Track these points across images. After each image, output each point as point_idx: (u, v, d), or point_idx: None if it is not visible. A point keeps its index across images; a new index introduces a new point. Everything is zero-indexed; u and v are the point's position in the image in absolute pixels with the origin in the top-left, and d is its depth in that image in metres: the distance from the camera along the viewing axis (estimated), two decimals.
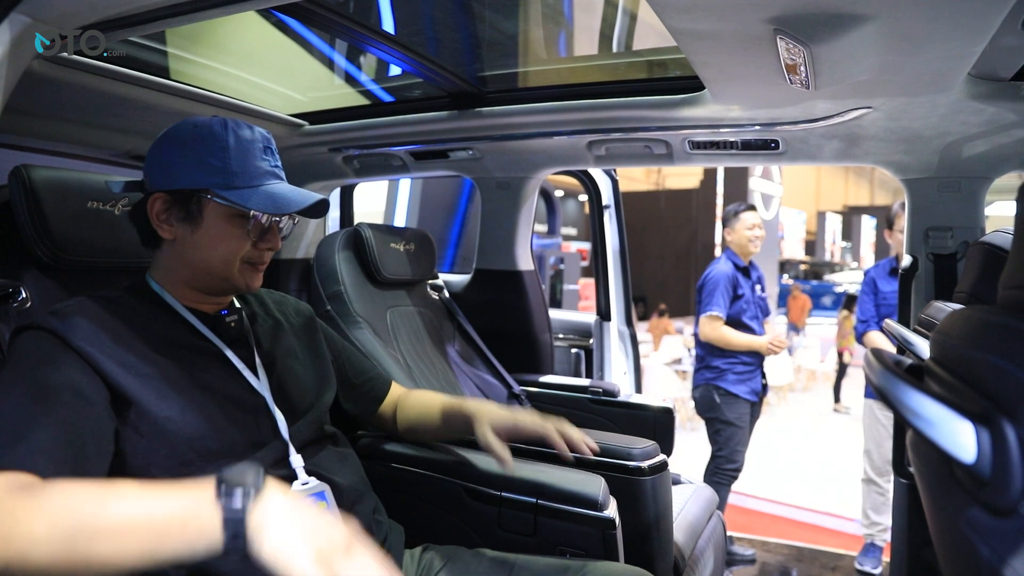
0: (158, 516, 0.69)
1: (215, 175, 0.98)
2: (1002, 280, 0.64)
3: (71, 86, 1.45)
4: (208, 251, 1.01)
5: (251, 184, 0.99)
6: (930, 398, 0.53)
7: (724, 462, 2.99)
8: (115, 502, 0.71)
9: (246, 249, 1.02)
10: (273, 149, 1.05)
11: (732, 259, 3.08)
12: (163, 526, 0.69)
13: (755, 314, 3.07)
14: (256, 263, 1.05)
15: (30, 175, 1.13)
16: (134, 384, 0.91)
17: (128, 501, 0.71)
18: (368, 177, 2.38)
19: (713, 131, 1.74)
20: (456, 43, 2.06)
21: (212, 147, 0.98)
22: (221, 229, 1.00)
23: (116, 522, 0.69)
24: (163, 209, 1.01)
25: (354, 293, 1.89)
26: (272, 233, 1.05)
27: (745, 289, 3.05)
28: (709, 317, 2.97)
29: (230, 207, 0.99)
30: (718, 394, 2.98)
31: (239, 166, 0.98)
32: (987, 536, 0.50)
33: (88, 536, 0.68)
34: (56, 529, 0.68)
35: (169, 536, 0.68)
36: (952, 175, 1.71)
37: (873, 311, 3.00)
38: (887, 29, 1.09)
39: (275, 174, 1.03)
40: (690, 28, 1.15)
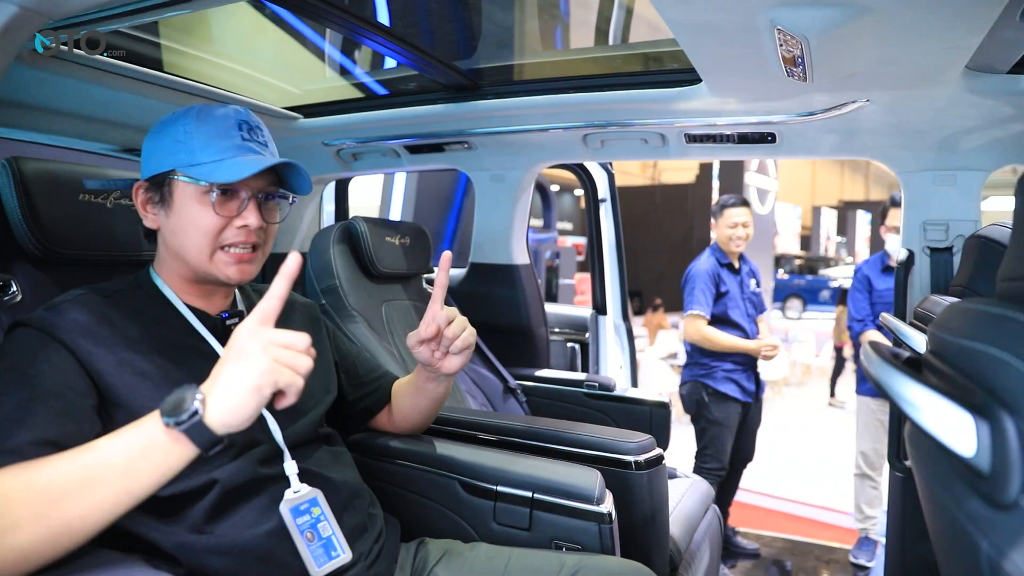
0: (117, 457, 0.72)
1: (180, 154, 0.96)
2: (1000, 272, 0.63)
3: (63, 79, 1.43)
4: (183, 235, 0.98)
5: (216, 159, 0.96)
6: (930, 390, 0.52)
7: (708, 460, 2.92)
8: (67, 462, 0.73)
9: (219, 229, 0.97)
10: (252, 125, 1.01)
11: (715, 255, 2.97)
12: (125, 464, 0.72)
13: (745, 311, 2.96)
14: (236, 247, 0.99)
15: (20, 167, 1.11)
16: (130, 384, 0.90)
17: (80, 456, 0.73)
18: (363, 170, 2.37)
19: (709, 124, 1.74)
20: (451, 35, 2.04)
21: (178, 128, 0.98)
22: (189, 209, 0.97)
23: (77, 476, 0.71)
24: (145, 198, 1.01)
25: (349, 287, 1.88)
26: (250, 211, 0.98)
27: (730, 285, 2.93)
28: (690, 316, 2.87)
29: (194, 184, 0.96)
30: (706, 392, 2.89)
31: (203, 142, 0.96)
32: (986, 529, 0.49)
33: (58, 501, 0.70)
34: (25, 508, 0.69)
35: (136, 470, 0.72)
36: (949, 168, 1.71)
37: (868, 309, 2.92)
38: (884, 21, 1.08)
39: (249, 148, 0.98)
40: (687, 19, 1.15)
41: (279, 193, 1.04)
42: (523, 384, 2.15)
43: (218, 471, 0.93)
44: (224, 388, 0.75)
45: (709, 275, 2.89)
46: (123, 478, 0.72)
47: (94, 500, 0.71)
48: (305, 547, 0.95)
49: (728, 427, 2.89)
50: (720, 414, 2.88)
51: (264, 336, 0.77)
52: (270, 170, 1.01)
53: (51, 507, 0.69)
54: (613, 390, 2.04)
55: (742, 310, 2.95)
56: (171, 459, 0.74)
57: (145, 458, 0.73)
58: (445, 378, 1.23)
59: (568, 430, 1.47)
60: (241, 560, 0.91)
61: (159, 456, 0.73)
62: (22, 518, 0.69)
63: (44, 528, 0.69)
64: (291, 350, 0.78)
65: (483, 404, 2.07)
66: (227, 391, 0.74)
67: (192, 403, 0.73)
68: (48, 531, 0.69)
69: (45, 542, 0.70)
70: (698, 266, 2.94)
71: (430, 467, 1.34)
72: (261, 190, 1.00)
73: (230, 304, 1.09)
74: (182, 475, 0.90)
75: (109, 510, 0.72)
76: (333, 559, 0.97)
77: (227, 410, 0.74)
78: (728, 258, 2.96)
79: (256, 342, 0.76)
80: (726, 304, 2.90)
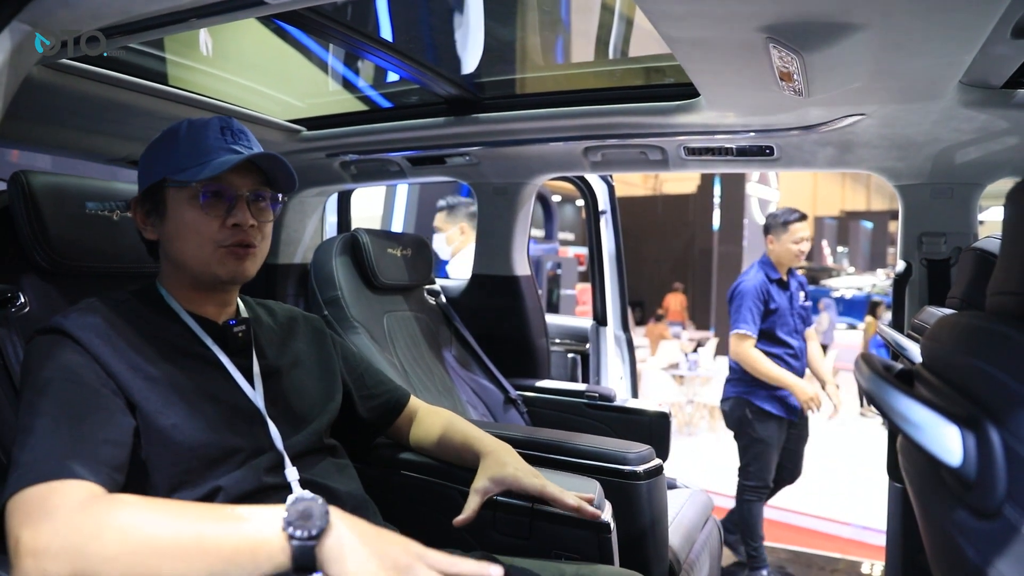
0: (227, 541, 0.71)
1: (169, 163, 0.99)
2: (990, 286, 0.65)
3: (71, 92, 1.46)
4: (180, 240, 1.00)
5: (201, 161, 0.98)
6: (917, 402, 0.54)
7: (751, 478, 2.86)
8: (185, 523, 0.72)
9: (213, 231, 0.99)
10: (235, 130, 1.03)
11: (765, 270, 2.87)
12: (232, 551, 0.71)
13: (794, 327, 2.87)
14: (233, 245, 1.00)
15: (29, 181, 1.13)
16: (142, 388, 0.91)
17: (198, 524, 0.72)
18: (365, 183, 2.39)
19: (708, 137, 1.76)
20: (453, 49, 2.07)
21: (168, 141, 1.01)
22: (181, 213, 0.99)
23: (185, 544, 0.70)
24: (142, 212, 1.04)
25: (351, 298, 1.90)
26: (239, 209, 1.00)
27: (780, 301, 2.84)
28: (737, 335, 2.78)
29: (183, 188, 0.98)
30: (749, 410, 2.81)
31: (189, 148, 0.99)
32: (973, 538, 0.50)
33: (158, 556, 0.70)
34: (127, 547, 0.69)
35: (237, 562, 0.71)
36: (945, 181, 1.72)
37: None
38: (879, 37, 1.10)
39: (232, 150, 1.00)
40: (684, 36, 1.17)
41: (268, 193, 1.06)
42: (524, 394, 2.16)
43: (223, 478, 0.94)
44: (354, 544, 0.72)
45: (758, 292, 2.80)
46: (224, 563, 0.71)
47: (192, 569, 0.70)
48: None
49: (772, 445, 2.83)
50: (764, 432, 2.81)
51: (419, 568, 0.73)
52: (258, 171, 1.03)
53: (154, 557, 0.69)
54: (613, 400, 2.05)
55: (790, 326, 2.87)
56: (271, 564, 0.72)
57: (252, 555, 0.71)
58: None
59: (568, 440, 1.48)
60: None
61: (263, 558, 0.71)
62: (123, 555, 0.69)
63: (138, 572, 0.69)
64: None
65: (484, 414, 2.08)
66: (353, 549, 0.72)
67: (317, 526, 0.72)
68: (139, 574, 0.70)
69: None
70: (747, 282, 2.84)
71: (430, 476, 1.34)
72: (250, 189, 1.02)
73: (234, 313, 1.11)
74: (188, 482, 0.91)
75: None
76: None
77: (338, 558, 0.72)
78: (779, 273, 2.88)
79: (410, 562, 0.73)
80: (774, 321, 2.83)
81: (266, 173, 1.05)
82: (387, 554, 0.73)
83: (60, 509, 0.71)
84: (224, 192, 1.00)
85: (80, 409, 0.84)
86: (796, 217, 2.84)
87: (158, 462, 0.91)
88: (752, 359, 2.76)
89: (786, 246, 2.83)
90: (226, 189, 1.00)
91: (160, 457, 0.91)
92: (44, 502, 0.72)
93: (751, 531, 2.96)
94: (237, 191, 1.01)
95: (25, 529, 0.70)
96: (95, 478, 0.78)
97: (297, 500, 0.73)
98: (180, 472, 0.92)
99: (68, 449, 0.79)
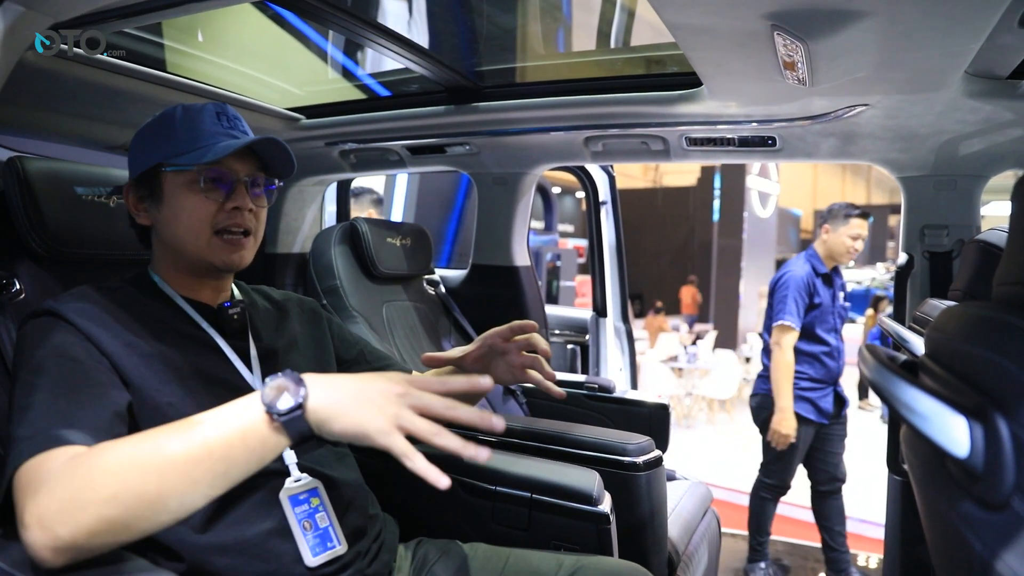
0: (215, 441, 0.72)
1: (165, 147, 0.99)
2: (996, 276, 0.64)
3: (66, 78, 1.44)
4: (176, 225, 1.00)
5: (199, 146, 0.98)
6: (924, 393, 0.53)
7: (770, 475, 2.82)
8: (167, 440, 0.72)
9: (211, 214, 0.99)
10: (230, 115, 1.03)
11: (812, 262, 2.74)
12: (224, 450, 0.72)
13: (833, 325, 2.76)
14: (230, 232, 1.01)
15: (24, 166, 1.12)
16: (138, 367, 0.91)
17: (180, 435, 0.72)
18: (365, 172, 2.37)
19: (710, 128, 1.74)
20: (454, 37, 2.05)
21: (162, 126, 1.01)
22: (180, 198, 0.99)
23: (177, 458, 0.71)
24: (135, 197, 1.03)
25: (350, 287, 1.89)
26: (238, 193, 1.00)
27: (824, 297, 2.73)
28: (780, 327, 2.68)
29: (181, 173, 0.98)
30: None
31: (185, 133, 0.99)
32: (979, 530, 0.50)
33: (156, 477, 0.70)
34: (120, 483, 0.69)
35: (233, 456, 0.72)
36: (948, 173, 1.71)
37: None
38: (884, 25, 1.09)
39: (230, 135, 1.01)
40: (687, 23, 1.15)
41: (265, 179, 1.06)
42: (523, 385, 2.15)
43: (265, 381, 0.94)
44: (338, 398, 0.74)
45: (804, 283, 2.70)
46: (222, 461, 0.72)
47: (194, 479, 0.71)
48: (301, 536, 0.96)
49: (794, 447, 2.73)
50: None
51: (410, 392, 0.75)
52: (255, 156, 1.04)
53: (151, 482, 0.70)
54: (613, 392, 2.05)
55: (830, 324, 2.76)
56: (267, 447, 0.74)
57: (243, 443, 0.73)
58: None
59: (567, 431, 1.48)
60: (243, 558, 0.92)
61: (255, 442, 0.73)
62: (122, 491, 0.69)
63: (142, 503, 0.69)
64: (428, 415, 0.75)
65: (483, 405, 2.08)
66: (339, 402, 0.74)
67: (296, 397, 0.73)
68: (145, 506, 0.70)
69: (140, 516, 0.70)
70: (793, 272, 2.73)
71: None
72: (248, 175, 1.03)
73: (229, 297, 1.11)
74: None
75: (205, 492, 0.72)
76: (328, 549, 0.98)
77: (329, 417, 0.74)
78: (826, 267, 2.76)
79: (399, 389, 0.75)
80: (815, 317, 2.72)
81: (263, 159, 1.05)
82: (376, 394, 0.74)
83: (50, 475, 0.71)
84: (223, 176, 1.00)
85: (76, 384, 0.84)
86: (859, 212, 2.71)
87: None
88: (782, 358, 2.66)
89: (842, 238, 2.71)
90: (225, 174, 1.00)
91: None
92: (39, 472, 0.72)
93: (759, 526, 2.96)
94: (236, 175, 1.01)
95: (27, 501, 0.70)
96: (93, 443, 0.77)
97: (270, 379, 0.74)
98: None
99: (64, 420, 0.79)
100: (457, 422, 0.75)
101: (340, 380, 0.76)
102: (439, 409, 0.75)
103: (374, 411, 0.73)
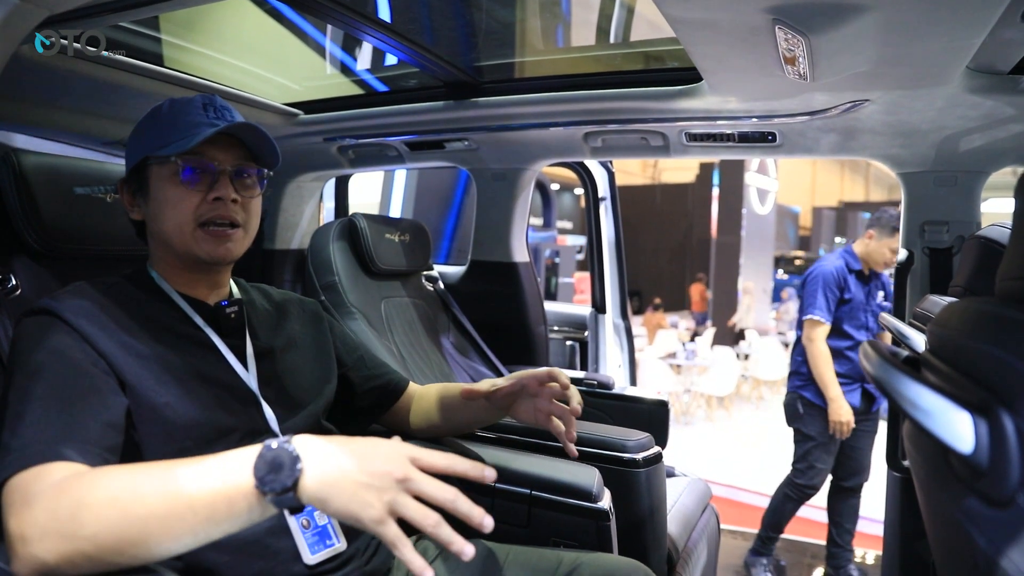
0: (200, 501, 0.69)
1: (151, 140, 0.98)
2: (1000, 271, 0.63)
3: (62, 72, 1.43)
4: (162, 218, 0.99)
5: (182, 136, 0.96)
6: (928, 389, 0.52)
7: (799, 475, 2.76)
8: (151, 490, 0.70)
9: (194, 206, 0.97)
10: (218, 106, 1.01)
11: (847, 258, 2.70)
12: (208, 511, 0.69)
13: (864, 322, 2.70)
14: (215, 223, 0.99)
15: (19, 161, 1.11)
16: (134, 367, 0.90)
17: (164, 488, 0.70)
18: (363, 167, 2.37)
19: (710, 123, 1.74)
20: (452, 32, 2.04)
21: (151, 119, 1.01)
22: (164, 190, 0.98)
23: (159, 511, 0.69)
24: (128, 193, 1.03)
25: (348, 284, 1.88)
26: (221, 184, 0.98)
27: (855, 292, 2.67)
28: (809, 321, 2.64)
29: (164, 164, 0.97)
30: (801, 404, 2.69)
31: (170, 124, 0.98)
32: (984, 526, 0.49)
33: (139, 524, 0.69)
34: (104, 522, 0.68)
35: (217, 518, 0.69)
36: (948, 169, 1.71)
37: None
38: (886, 20, 1.08)
39: (214, 125, 0.98)
40: (688, 17, 1.15)
41: (254, 169, 1.04)
42: None
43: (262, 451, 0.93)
44: (333, 479, 0.69)
45: (835, 278, 2.66)
46: (205, 521, 0.69)
47: (175, 534, 0.69)
48: (300, 534, 0.96)
49: (823, 443, 2.69)
50: (814, 429, 2.68)
51: (411, 478, 0.70)
52: (243, 146, 1.02)
53: (133, 528, 0.68)
54: (612, 388, 2.04)
55: (860, 321, 2.70)
56: (253, 515, 0.71)
57: (229, 508, 0.69)
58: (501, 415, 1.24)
59: None
60: (241, 555, 0.92)
61: (242, 508, 0.70)
62: (102, 532, 0.68)
63: (123, 544, 0.68)
64: (424, 498, 0.70)
65: None
66: (334, 484, 0.69)
67: (288, 478, 0.68)
68: (125, 548, 0.69)
69: (120, 556, 0.69)
70: (824, 266, 2.70)
71: None
72: (233, 164, 1.01)
73: (227, 295, 1.10)
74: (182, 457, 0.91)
75: (188, 543, 0.70)
76: (327, 547, 0.97)
77: (322, 499, 0.69)
78: (860, 265, 2.71)
79: (400, 472, 0.69)
80: (844, 313, 2.68)
81: (250, 149, 1.03)
82: (375, 477, 0.69)
83: (39, 495, 0.70)
84: (206, 167, 0.98)
85: (71, 392, 0.83)
86: None
87: (151, 442, 0.90)
88: (816, 351, 2.63)
89: (883, 249, 2.65)
90: (208, 164, 0.98)
91: (153, 436, 0.90)
92: (29, 488, 0.71)
93: (776, 523, 2.93)
94: (220, 165, 0.99)
95: (12, 517, 0.70)
96: (85, 459, 0.77)
97: (265, 450, 0.70)
98: (174, 452, 0.91)
99: (58, 433, 0.78)
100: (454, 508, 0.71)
101: (338, 455, 0.70)
102: (439, 499, 0.70)
103: (371, 497, 0.68)
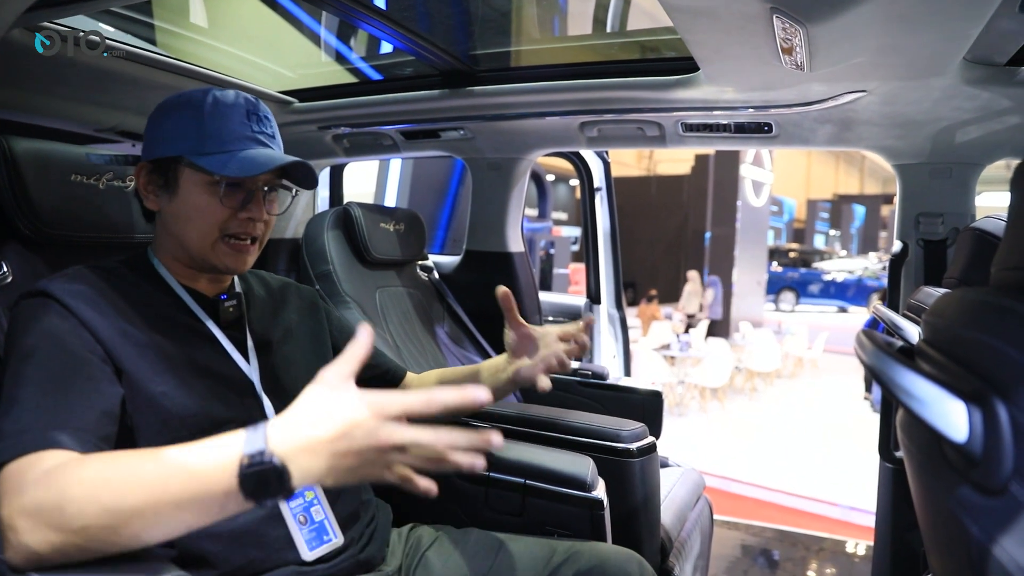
0: (186, 501, 0.68)
1: (189, 140, 0.96)
2: (996, 260, 0.63)
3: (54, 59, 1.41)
4: (184, 222, 0.98)
5: (225, 149, 0.95)
6: (922, 377, 0.52)
7: None
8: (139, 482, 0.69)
9: (223, 219, 0.97)
10: (261, 115, 1.01)
11: None
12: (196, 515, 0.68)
13: None
14: (238, 237, 0.99)
15: (10, 146, 1.10)
16: (131, 355, 0.90)
17: (152, 480, 0.69)
18: (358, 156, 2.35)
19: (707, 113, 1.73)
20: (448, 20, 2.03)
21: (188, 112, 0.97)
22: (195, 197, 0.96)
23: (146, 506, 0.68)
24: (147, 179, 1.00)
25: (343, 273, 1.88)
26: (255, 203, 0.99)
27: None
28: None
29: (201, 173, 0.96)
30: None
31: (213, 130, 0.95)
32: (977, 515, 0.50)
33: (128, 519, 0.68)
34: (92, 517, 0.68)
35: (211, 515, 0.69)
36: (944, 161, 1.71)
37: None
38: (885, 9, 1.08)
39: (257, 140, 0.98)
40: (686, 6, 1.14)
41: (283, 185, 1.04)
42: None
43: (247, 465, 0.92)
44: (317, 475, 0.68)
45: None
46: (189, 514, 0.69)
47: (165, 531, 0.69)
48: (297, 530, 0.96)
49: None
50: None
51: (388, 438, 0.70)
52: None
53: (121, 523, 0.68)
54: (606, 379, 2.05)
55: None
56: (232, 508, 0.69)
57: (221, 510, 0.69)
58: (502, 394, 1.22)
59: (561, 417, 1.47)
60: (235, 544, 0.91)
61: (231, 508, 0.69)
62: (91, 525, 0.68)
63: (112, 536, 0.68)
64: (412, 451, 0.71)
65: None
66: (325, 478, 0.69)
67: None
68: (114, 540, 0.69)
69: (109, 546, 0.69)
70: None
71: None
72: (267, 183, 1.01)
73: (227, 287, 1.09)
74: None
75: (174, 532, 0.70)
76: (325, 543, 0.97)
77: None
78: None
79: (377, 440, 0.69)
80: None
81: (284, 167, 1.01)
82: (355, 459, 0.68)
83: (30, 484, 0.70)
84: (243, 184, 0.98)
85: (66, 378, 0.82)
86: None
87: (146, 431, 0.89)
88: None
89: None
90: (246, 182, 0.98)
91: (148, 426, 0.89)
92: (23, 476, 0.71)
93: None
94: (256, 185, 0.99)
95: (4, 506, 0.69)
96: (79, 447, 0.76)
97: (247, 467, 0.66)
98: (169, 441, 0.89)
99: (52, 419, 0.77)
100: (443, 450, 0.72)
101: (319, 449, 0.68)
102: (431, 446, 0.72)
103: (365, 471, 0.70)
